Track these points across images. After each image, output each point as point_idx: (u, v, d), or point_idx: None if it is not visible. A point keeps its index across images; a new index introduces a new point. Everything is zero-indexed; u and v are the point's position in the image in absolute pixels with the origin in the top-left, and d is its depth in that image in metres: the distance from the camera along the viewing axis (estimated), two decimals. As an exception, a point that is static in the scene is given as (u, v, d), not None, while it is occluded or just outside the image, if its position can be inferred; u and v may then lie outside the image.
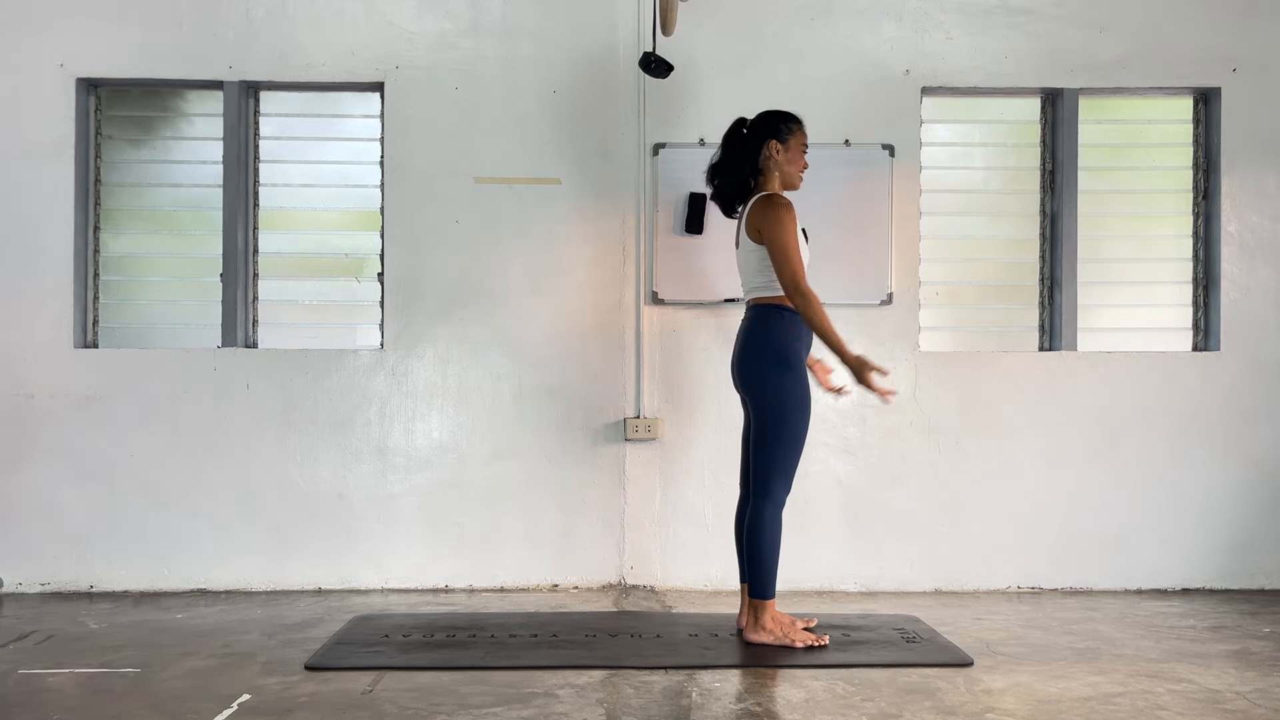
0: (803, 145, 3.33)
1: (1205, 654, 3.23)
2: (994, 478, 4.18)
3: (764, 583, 3.21)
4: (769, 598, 3.23)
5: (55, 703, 2.74)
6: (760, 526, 3.20)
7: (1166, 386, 4.20)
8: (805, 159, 3.34)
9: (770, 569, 3.21)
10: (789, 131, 3.31)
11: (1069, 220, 4.24)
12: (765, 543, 3.20)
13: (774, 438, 3.19)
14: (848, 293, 4.16)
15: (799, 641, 3.19)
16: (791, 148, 3.30)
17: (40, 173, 4.11)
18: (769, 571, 3.21)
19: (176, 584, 4.11)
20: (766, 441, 3.21)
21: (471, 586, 4.15)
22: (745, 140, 3.33)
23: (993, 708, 2.70)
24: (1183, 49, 4.22)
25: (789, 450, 3.19)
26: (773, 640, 3.21)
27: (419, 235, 4.16)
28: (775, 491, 3.20)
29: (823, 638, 3.23)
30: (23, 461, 4.09)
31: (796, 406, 3.19)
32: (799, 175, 3.33)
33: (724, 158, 3.35)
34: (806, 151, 3.35)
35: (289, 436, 4.14)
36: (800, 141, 3.32)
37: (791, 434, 3.18)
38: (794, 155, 3.31)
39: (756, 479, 3.23)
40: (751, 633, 3.25)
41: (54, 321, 4.11)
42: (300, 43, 4.16)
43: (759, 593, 3.22)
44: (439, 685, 2.87)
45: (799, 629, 3.26)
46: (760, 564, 3.20)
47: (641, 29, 4.12)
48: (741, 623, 3.37)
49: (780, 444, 3.18)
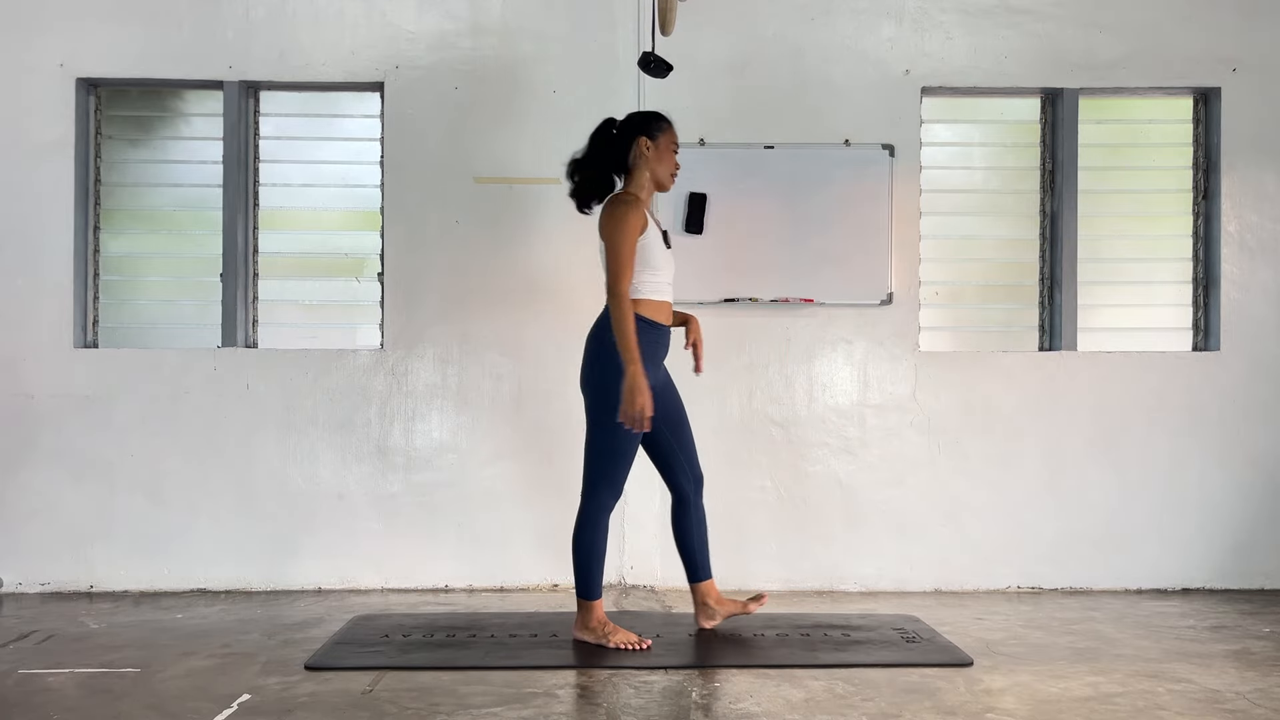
0: (673, 145, 3.30)
1: (1205, 654, 3.23)
2: (994, 478, 4.18)
3: (584, 583, 3.22)
4: (591, 599, 3.22)
5: (55, 703, 2.74)
6: (580, 527, 3.21)
7: (1166, 386, 4.20)
8: (676, 160, 3.32)
9: (588, 570, 3.21)
10: (659, 130, 3.28)
11: (1069, 220, 4.24)
12: (584, 544, 3.20)
13: (601, 440, 3.18)
14: (848, 293, 4.16)
15: (612, 643, 3.18)
16: (661, 146, 3.27)
17: (40, 173, 4.11)
18: (587, 572, 3.21)
19: (176, 584, 4.11)
20: (593, 442, 3.21)
21: (471, 586, 4.15)
22: (614, 138, 3.29)
23: (993, 708, 2.70)
24: (1183, 49, 4.22)
25: (615, 454, 3.18)
26: (593, 639, 3.22)
27: (419, 235, 4.16)
28: (599, 494, 3.20)
29: (645, 641, 3.20)
30: (23, 461, 4.09)
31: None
32: (669, 175, 3.30)
33: (587, 153, 3.31)
34: (677, 152, 3.33)
35: (289, 436, 4.14)
36: (670, 140, 3.29)
37: (619, 438, 3.15)
38: (664, 154, 3.27)
39: (584, 480, 3.24)
40: (576, 629, 3.28)
41: (54, 321, 4.11)
42: (300, 43, 4.16)
43: (582, 592, 3.23)
44: (439, 685, 2.87)
45: (618, 633, 3.21)
46: (579, 565, 3.21)
47: (641, 29, 4.12)
48: (700, 620, 3.42)
49: (607, 447, 3.17)
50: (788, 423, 4.18)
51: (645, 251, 3.18)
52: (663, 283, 3.23)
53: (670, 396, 3.37)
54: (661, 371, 3.32)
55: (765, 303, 4.15)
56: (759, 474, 4.17)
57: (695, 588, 3.42)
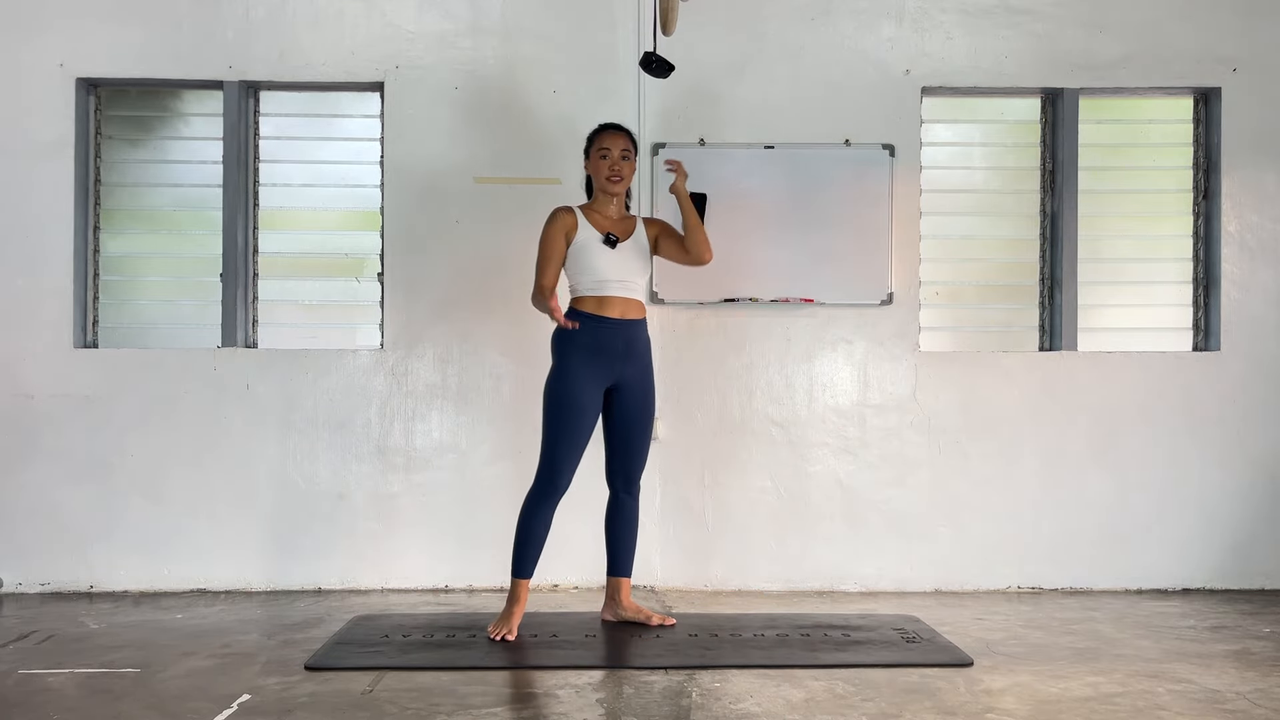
0: (599, 151, 3.46)
1: (1205, 654, 3.23)
2: (994, 478, 4.18)
3: (517, 560, 3.41)
4: (520, 576, 3.40)
5: (55, 703, 2.74)
6: (524, 504, 3.41)
7: (1166, 386, 4.20)
8: (605, 165, 3.45)
9: (521, 546, 3.39)
10: (590, 144, 3.51)
11: (1069, 220, 4.24)
12: (522, 520, 3.40)
13: (544, 427, 3.40)
14: (848, 293, 4.16)
15: (492, 631, 3.33)
16: (592, 158, 3.49)
17: (40, 173, 4.11)
18: (521, 549, 3.39)
19: (176, 584, 4.11)
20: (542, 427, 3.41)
21: (471, 586, 4.15)
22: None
23: (993, 708, 2.70)
24: (1183, 49, 4.22)
25: (552, 441, 3.36)
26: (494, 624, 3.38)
27: (419, 235, 4.16)
28: (539, 477, 3.39)
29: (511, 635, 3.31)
30: (23, 461, 4.09)
31: (558, 402, 3.36)
32: (605, 179, 3.46)
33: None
34: (608, 157, 3.45)
35: (289, 436, 4.14)
36: (597, 149, 3.47)
37: (553, 426, 3.36)
38: (594, 164, 3.48)
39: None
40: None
41: (54, 321, 4.11)
42: (300, 43, 4.16)
43: (513, 569, 3.41)
44: (439, 685, 2.87)
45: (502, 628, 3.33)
46: (518, 539, 3.40)
47: (641, 29, 4.12)
48: (604, 612, 3.57)
49: (546, 433, 3.38)
50: (788, 423, 4.18)
51: (579, 254, 3.42)
52: (599, 281, 3.41)
53: (629, 396, 3.47)
54: (614, 366, 3.41)
55: (765, 303, 4.15)
56: (759, 474, 4.17)
57: (609, 580, 3.58)
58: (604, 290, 3.41)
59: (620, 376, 3.43)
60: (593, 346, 3.39)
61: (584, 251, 3.41)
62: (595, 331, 3.39)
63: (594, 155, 3.47)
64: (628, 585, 3.56)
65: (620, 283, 3.43)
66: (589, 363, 3.38)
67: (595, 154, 3.47)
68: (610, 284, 3.41)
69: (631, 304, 3.45)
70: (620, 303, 3.42)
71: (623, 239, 3.45)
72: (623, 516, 3.55)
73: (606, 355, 3.40)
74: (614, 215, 3.51)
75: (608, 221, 3.48)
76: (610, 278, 3.41)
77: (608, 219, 3.49)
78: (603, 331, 3.40)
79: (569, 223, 3.43)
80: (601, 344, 3.39)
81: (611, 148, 3.45)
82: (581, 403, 3.36)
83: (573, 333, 3.37)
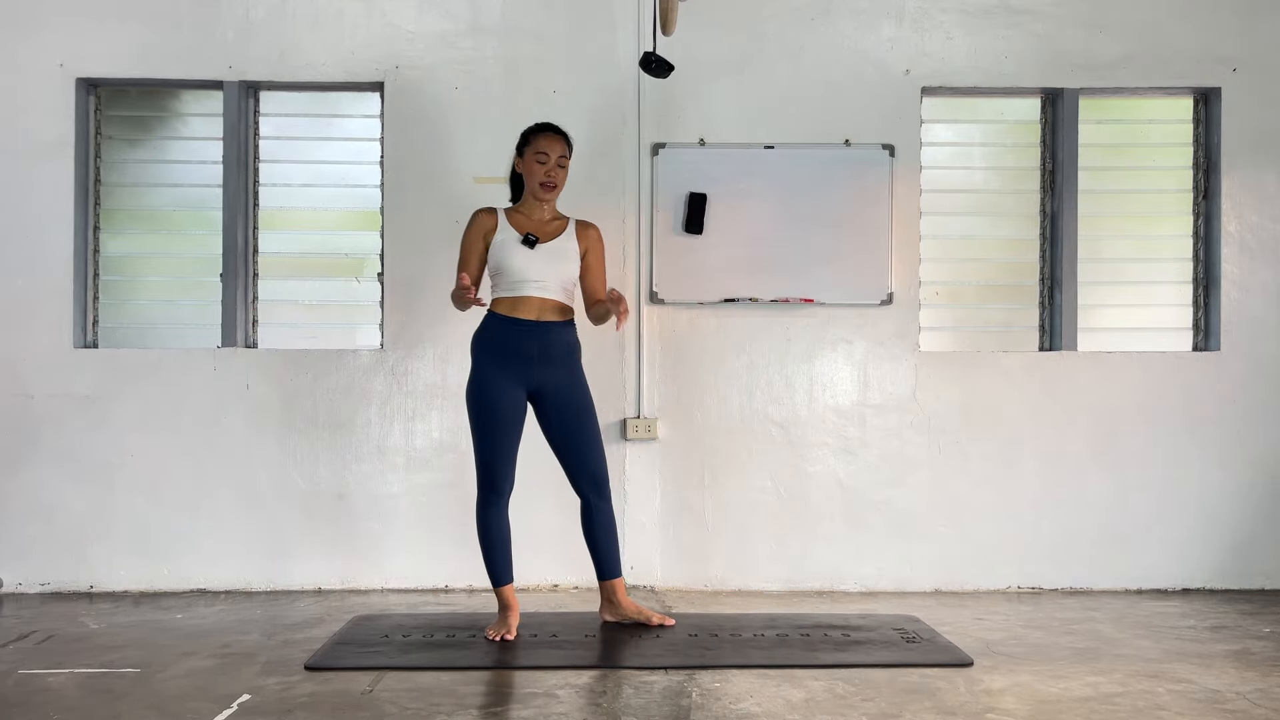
0: (536, 155, 3.41)
1: (1205, 654, 3.23)
2: (994, 478, 4.18)
3: (487, 568, 3.42)
4: (497, 584, 3.41)
5: (55, 703, 2.74)
6: (476, 519, 3.42)
7: (1166, 386, 4.20)
8: (541, 169, 3.41)
9: (485, 554, 3.41)
10: (525, 144, 3.45)
11: (1069, 220, 4.24)
12: (480, 535, 3.41)
13: (471, 434, 3.40)
14: (848, 293, 4.16)
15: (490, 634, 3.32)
16: (526, 159, 3.44)
17: (40, 173, 4.11)
18: (486, 556, 3.41)
19: (176, 584, 4.11)
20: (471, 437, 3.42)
21: (471, 586, 4.15)
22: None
23: (993, 708, 2.70)
24: (1183, 49, 4.22)
25: (479, 446, 3.38)
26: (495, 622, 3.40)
27: (419, 235, 4.16)
28: (479, 484, 3.40)
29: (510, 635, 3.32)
30: (23, 461, 4.09)
31: (476, 406, 3.37)
32: (536, 184, 3.43)
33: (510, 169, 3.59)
34: (547, 161, 3.40)
35: (289, 436, 4.14)
36: (534, 151, 3.42)
37: (476, 430, 3.38)
38: (528, 166, 3.44)
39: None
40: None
41: (54, 321, 4.11)
42: (300, 43, 4.16)
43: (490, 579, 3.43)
44: (439, 685, 2.87)
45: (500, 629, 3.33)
46: (481, 548, 3.41)
47: (641, 29, 4.12)
48: (602, 614, 3.54)
49: (474, 439, 3.39)
50: (788, 423, 4.18)
51: (496, 254, 3.40)
52: (515, 281, 3.37)
53: (555, 397, 3.43)
54: (529, 369, 3.37)
55: (765, 303, 4.15)
56: (759, 474, 4.17)
57: (601, 585, 3.53)
58: (519, 290, 3.37)
59: (540, 381, 3.38)
60: (506, 348, 3.35)
61: (501, 251, 3.38)
62: (508, 332, 3.36)
63: (529, 157, 3.41)
64: (622, 585, 3.53)
65: (537, 283, 3.36)
66: (504, 366, 3.35)
67: (531, 156, 3.41)
68: (526, 284, 3.36)
69: (549, 305, 3.39)
70: (537, 303, 3.37)
71: (544, 240, 3.40)
72: (598, 522, 3.48)
73: (521, 358, 3.35)
74: (544, 218, 3.46)
75: (530, 223, 3.44)
76: (527, 278, 3.36)
77: (531, 221, 3.44)
78: (515, 333, 3.35)
79: (488, 224, 3.42)
80: (514, 345, 3.35)
81: (549, 152, 3.40)
82: (498, 403, 3.33)
83: (485, 334, 3.38)
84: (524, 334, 3.36)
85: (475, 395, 3.37)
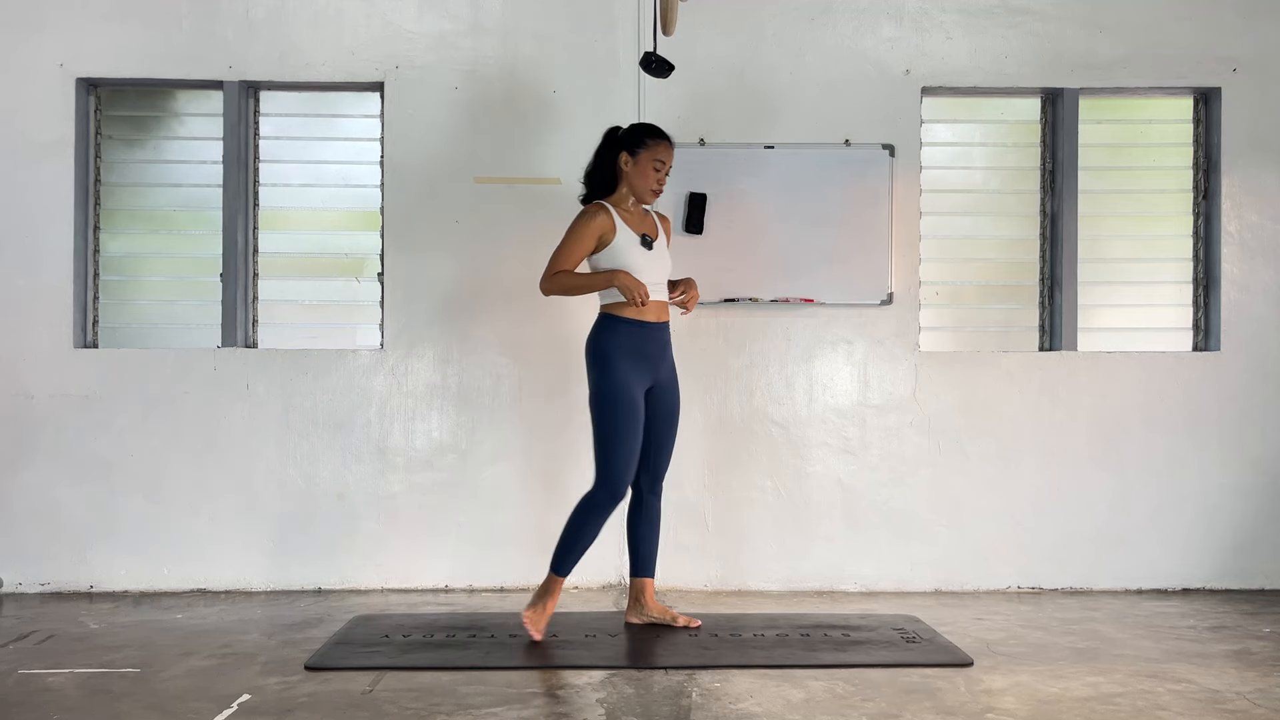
0: (654, 160, 3.36)
1: (1205, 654, 3.23)
2: (994, 478, 4.18)
3: (559, 558, 3.35)
4: (558, 574, 3.35)
5: (55, 703, 2.74)
6: (579, 508, 3.33)
7: (1166, 386, 4.20)
8: (655, 176, 3.37)
9: (567, 548, 3.33)
10: (642, 146, 3.37)
11: (1069, 220, 4.24)
12: (575, 523, 3.32)
13: (595, 433, 3.33)
14: (848, 293, 4.16)
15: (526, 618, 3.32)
16: (641, 161, 3.36)
17: (40, 173, 4.11)
18: (567, 550, 3.33)
19: (176, 584, 4.11)
20: (593, 436, 3.35)
21: (471, 586, 4.15)
22: (608, 147, 3.43)
23: (993, 708, 2.70)
24: (1183, 49, 4.22)
25: (606, 446, 3.29)
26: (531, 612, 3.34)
27: (419, 235, 4.16)
28: (601, 485, 3.30)
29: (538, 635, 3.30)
30: (23, 461, 4.09)
31: (607, 406, 3.29)
32: (649, 190, 3.37)
33: (592, 161, 3.47)
34: (661, 169, 3.37)
35: (289, 436, 4.14)
36: (652, 156, 3.36)
37: (611, 432, 3.29)
38: (642, 169, 3.36)
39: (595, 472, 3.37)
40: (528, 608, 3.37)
41: (54, 321, 4.11)
42: (300, 43, 4.16)
43: (553, 566, 3.35)
44: (439, 685, 2.87)
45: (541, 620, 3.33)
46: (565, 539, 3.33)
47: (641, 29, 4.12)
48: (628, 614, 3.51)
49: (598, 439, 3.31)
50: (788, 423, 4.18)
51: (615, 256, 3.31)
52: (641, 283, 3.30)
53: (663, 397, 3.43)
54: (652, 369, 3.37)
55: (765, 303, 4.16)
56: (759, 474, 4.17)
57: (633, 581, 3.51)
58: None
59: (655, 380, 3.39)
60: (637, 351, 3.33)
61: (623, 254, 3.31)
62: (637, 335, 3.33)
63: (644, 160, 3.35)
64: (651, 586, 3.50)
65: (656, 285, 3.37)
66: (635, 368, 3.32)
67: (648, 160, 3.35)
68: (649, 287, 3.33)
69: (664, 306, 3.41)
70: (655, 305, 3.36)
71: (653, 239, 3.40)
72: (646, 516, 3.48)
73: (648, 360, 3.36)
74: (641, 216, 3.43)
75: (637, 222, 3.39)
76: (648, 281, 3.33)
77: (634, 219, 3.40)
78: (642, 336, 3.34)
79: (606, 224, 3.30)
80: (642, 348, 3.34)
81: (667, 161, 3.38)
82: (635, 406, 3.29)
83: (615, 338, 3.30)
84: (650, 336, 3.36)
85: (614, 397, 3.28)
